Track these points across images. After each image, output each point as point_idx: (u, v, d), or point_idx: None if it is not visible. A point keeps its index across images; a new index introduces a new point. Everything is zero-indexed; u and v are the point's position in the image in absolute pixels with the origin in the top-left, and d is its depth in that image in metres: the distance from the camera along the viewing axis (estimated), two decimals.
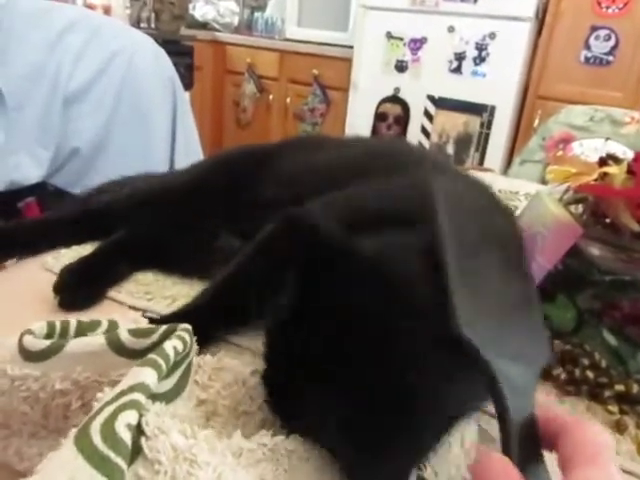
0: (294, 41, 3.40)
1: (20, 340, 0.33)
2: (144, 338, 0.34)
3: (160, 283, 0.59)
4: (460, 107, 2.82)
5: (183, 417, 0.36)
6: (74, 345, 0.33)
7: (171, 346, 0.32)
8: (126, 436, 0.26)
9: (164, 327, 0.34)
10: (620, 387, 0.47)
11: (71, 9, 1.46)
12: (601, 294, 0.52)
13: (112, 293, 0.56)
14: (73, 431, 0.26)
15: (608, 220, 0.53)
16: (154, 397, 0.31)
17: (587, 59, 2.59)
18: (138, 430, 0.28)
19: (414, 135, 2.96)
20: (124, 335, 0.33)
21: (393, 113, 2.96)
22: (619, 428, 0.45)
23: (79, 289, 0.54)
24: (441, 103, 2.88)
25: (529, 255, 0.53)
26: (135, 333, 0.34)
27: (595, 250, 0.52)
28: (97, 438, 0.25)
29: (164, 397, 0.33)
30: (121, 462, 0.25)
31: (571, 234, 0.50)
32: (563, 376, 0.49)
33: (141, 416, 0.28)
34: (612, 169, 0.48)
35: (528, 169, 1.88)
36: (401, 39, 2.90)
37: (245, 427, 0.38)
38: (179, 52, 2.34)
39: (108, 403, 0.27)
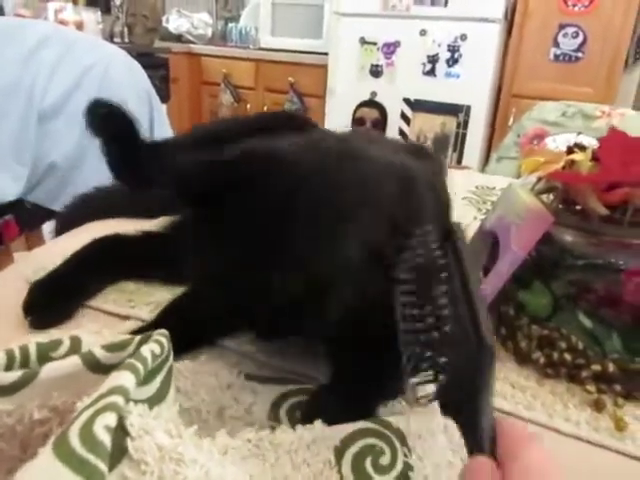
0: (269, 50, 3.42)
1: None
2: (119, 352, 0.33)
3: (142, 290, 0.59)
4: (436, 108, 2.86)
5: (167, 420, 0.36)
6: (49, 370, 0.31)
7: (148, 349, 0.32)
8: (105, 438, 0.25)
9: (138, 338, 0.33)
10: (597, 367, 0.48)
11: (44, 25, 1.45)
12: (575, 279, 0.53)
13: (94, 302, 0.56)
14: (51, 439, 0.25)
15: (578, 207, 0.54)
16: (136, 402, 0.30)
17: (557, 56, 2.65)
18: (122, 431, 0.27)
19: None
20: (99, 352, 0.32)
21: (370, 117, 2.99)
22: (598, 407, 0.46)
23: (50, 306, 0.53)
24: (417, 105, 2.92)
25: (504, 244, 0.54)
26: (110, 348, 0.33)
27: (567, 236, 0.53)
28: (75, 441, 0.25)
29: (147, 402, 0.32)
30: (101, 464, 0.25)
31: (543, 222, 0.51)
32: (542, 360, 0.50)
33: (121, 418, 0.28)
34: (578, 156, 0.50)
35: (505, 166, 1.91)
36: (374, 44, 2.93)
37: (233, 432, 0.38)
38: (154, 65, 2.34)
39: (86, 408, 0.27)
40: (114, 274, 0.60)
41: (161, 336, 0.34)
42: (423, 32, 2.80)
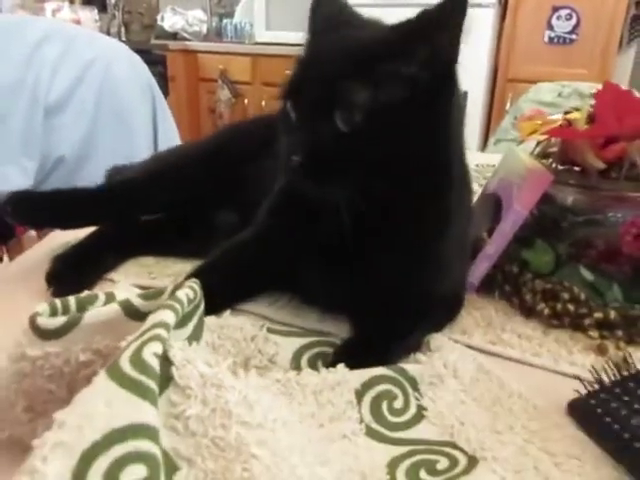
0: (264, 44, 3.42)
1: (32, 323, 0.33)
2: (155, 300, 0.35)
3: (161, 263, 0.61)
4: None
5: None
6: (91, 316, 0.34)
7: (183, 293, 0.34)
8: (154, 362, 0.28)
9: (171, 286, 0.36)
10: (599, 315, 0.51)
11: (44, 21, 1.47)
12: (576, 236, 0.55)
13: (115, 276, 0.58)
14: (103, 369, 0.28)
15: (576, 168, 0.57)
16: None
17: (551, 39, 2.66)
18: (167, 362, 0.30)
19: None
20: (136, 300, 0.35)
21: None
22: (601, 351, 0.49)
23: (71, 277, 0.55)
24: None
25: (506, 204, 0.57)
26: (146, 296, 0.35)
27: (567, 195, 0.56)
28: (127, 367, 0.27)
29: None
30: (152, 384, 0.27)
31: (543, 180, 0.54)
32: (546, 311, 0.53)
33: (165, 350, 0.30)
34: (575, 115, 0.52)
35: (503, 148, 1.92)
36: None
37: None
38: (151, 61, 2.35)
39: (133, 341, 0.29)
40: (133, 248, 0.62)
41: (193, 283, 0.36)
42: None
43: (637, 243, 0.50)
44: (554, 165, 0.57)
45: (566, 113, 0.56)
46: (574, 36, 2.61)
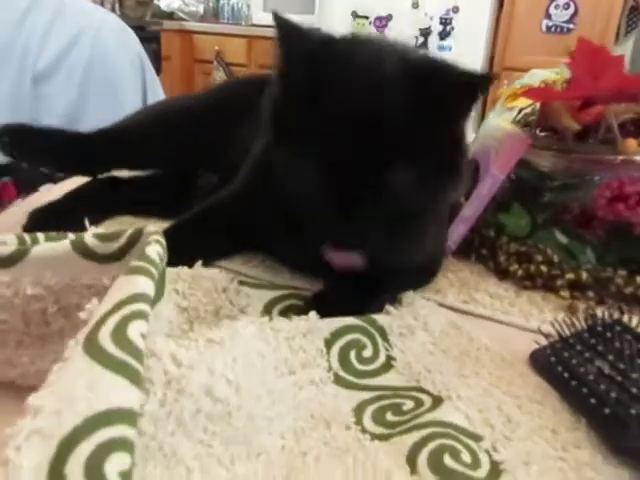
0: (261, 26, 3.40)
1: None
2: (110, 242, 0.34)
3: (140, 222, 0.61)
4: None
5: (167, 318, 0.38)
6: (40, 250, 0.33)
7: (155, 252, 0.33)
8: (140, 344, 0.26)
9: (129, 231, 0.34)
10: (571, 276, 0.51)
11: None
12: (552, 200, 0.56)
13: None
14: (77, 344, 0.25)
15: (554, 134, 0.57)
16: None
17: (549, 28, 2.65)
18: None
19: None
20: (89, 239, 0.34)
21: None
22: (571, 310, 0.50)
23: (47, 231, 0.56)
24: None
25: (484, 168, 0.57)
26: (101, 237, 0.34)
27: (543, 160, 0.56)
28: (111, 347, 0.25)
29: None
30: (140, 368, 0.25)
31: (521, 144, 0.54)
32: (519, 273, 0.53)
33: None
34: (553, 77, 0.52)
35: None
36: (367, 18, 2.92)
37: None
38: (145, 38, 2.32)
39: (110, 313, 0.27)
40: (113, 206, 0.62)
41: (158, 236, 0.35)
42: (415, 5, 2.79)
43: (611, 207, 0.51)
44: (533, 131, 0.57)
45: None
46: (571, 25, 2.61)
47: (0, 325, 0.33)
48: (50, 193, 0.73)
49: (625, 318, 0.42)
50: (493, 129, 0.59)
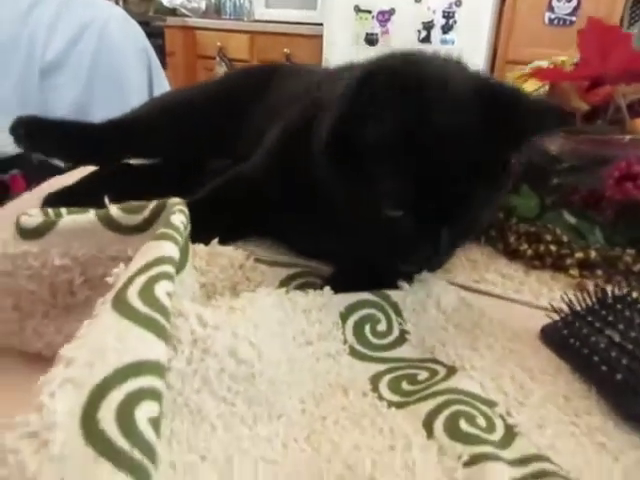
0: (263, 22, 3.40)
1: (17, 221, 0.34)
2: (135, 214, 0.35)
3: None
4: None
5: (191, 287, 0.39)
6: (67, 221, 0.34)
7: (179, 220, 0.33)
8: (167, 303, 0.27)
9: (154, 203, 0.35)
10: (580, 255, 0.52)
11: None
12: (561, 182, 0.57)
13: None
14: (105, 303, 0.26)
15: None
16: None
17: (551, 21, 2.65)
18: None
19: None
20: (114, 211, 0.34)
21: None
22: (580, 288, 0.50)
23: None
24: None
25: None
26: (125, 209, 0.35)
27: (552, 142, 0.57)
28: (138, 304, 0.26)
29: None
30: (167, 324, 0.26)
31: None
32: (529, 252, 0.54)
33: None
34: (561, 58, 0.53)
35: None
36: (369, 12, 2.92)
37: None
38: (149, 33, 2.33)
39: (137, 274, 0.27)
40: (126, 191, 0.63)
41: (182, 205, 0.36)
42: None
43: (619, 186, 0.52)
44: None
45: None
46: (574, 18, 2.60)
47: (28, 296, 0.34)
48: (61, 180, 0.74)
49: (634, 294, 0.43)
50: None
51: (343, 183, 0.42)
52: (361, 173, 0.40)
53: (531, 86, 0.61)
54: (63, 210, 0.36)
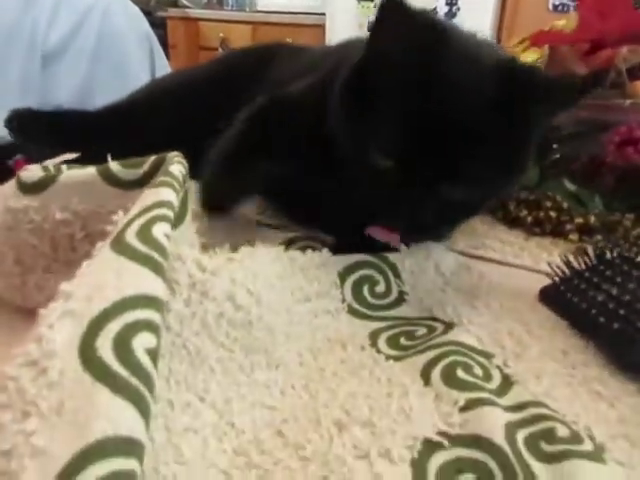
0: (266, 12, 3.39)
1: (18, 176, 0.34)
2: (135, 169, 0.35)
3: None
4: None
5: (189, 239, 0.39)
6: (67, 176, 0.34)
7: (177, 170, 0.34)
8: (164, 241, 0.27)
9: (153, 157, 0.35)
10: (579, 220, 0.52)
11: None
12: (561, 150, 0.57)
13: None
14: (105, 245, 0.27)
15: None
16: None
17: (555, 7, 2.63)
18: None
19: None
20: (114, 166, 0.34)
21: None
22: (580, 253, 0.50)
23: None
24: None
25: None
26: (125, 164, 0.35)
27: None
28: (136, 242, 0.26)
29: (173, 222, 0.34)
30: (164, 262, 0.26)
31: None
32: (529, 219, 0.54)
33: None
34: (561, 22, 0.53)
35: None
36: (372, 0, 2.91)
37: None
38: (151, 23, 2.33)
39: (135, 218, 0.28)
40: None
41: (180, 157, 0.36)
42: None
43: (620, 151, 0.51)
44: None
45: None
46: (578, 2, 2.59)
47: (30, 250, 0.34)
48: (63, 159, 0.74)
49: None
50: None
51: (349, 128, 0.41)
52: (366, 117, 0.39)
53: (532, 55, 0.61)
54: (63, 166, 0.37)
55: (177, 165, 0.33)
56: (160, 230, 0.27)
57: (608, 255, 0.41)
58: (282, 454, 0.27)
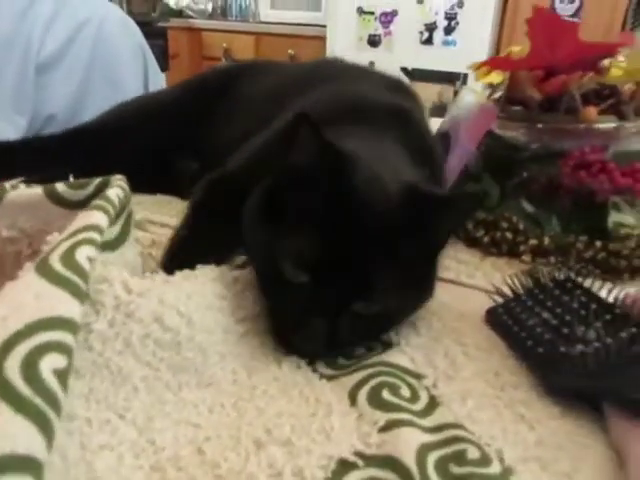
0: (268, 23, 3.43)
1: None
2: (80, 190, 0.36)
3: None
4: (433, 77, 2.87)
5: (130, 262, 0.40)
6: (14, 195, 0.35)
7: (114, 193, 0.35)
8: (86, 265, 0.29)
9: (98, 179, 0.37)
10: (534, 242, 0.53)
11: None
12: (521, 171, 0.58)
13: None
14: (31, 266, 0.28)
15: (525, 108, 0.58)
16: (104, 245, 0.33)
17: None
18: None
19: None
20: (60, 187, 0.36)
21: None
22: (530, 274, 0.51)
23: None
24: (415, 74, 2.93)
25: (454, 140, 0.59)
26: (71, 185, 0.37)
27: (512, 132, 0.58)
28: (58, 265, 0.27)
29: (111, 245, 0.36)
30: (83, 285, 0.28)
31: (489, 114, 0.56)
32: (486, 239, 0.55)
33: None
34: (515, 48, 0.54)
35: None
36: (372, 13, 2.94)
37: None
38: (151, 34, 2.37)
39: (63, 240, 0.29)
40: None
41: (122, 181, 0.38)
42: (420, 0, 2.80)
43: (574, 174, 0.52)
44: (501, 104, 0.59)
45: None
46: (577, 19, 2.59)
47: None
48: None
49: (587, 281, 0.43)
50: (464, 103, 0.60)
51: (264, 242, 0.39)
52: (279, 232, 0.38)
53: (496, 77, 0.62)
54: (7, 185, 0.38)
55: (116, 189, 0.35)
56: (83, 254, 0.28)
57: (548, 280, 0.42)
58: (198, 471, 0.28)
